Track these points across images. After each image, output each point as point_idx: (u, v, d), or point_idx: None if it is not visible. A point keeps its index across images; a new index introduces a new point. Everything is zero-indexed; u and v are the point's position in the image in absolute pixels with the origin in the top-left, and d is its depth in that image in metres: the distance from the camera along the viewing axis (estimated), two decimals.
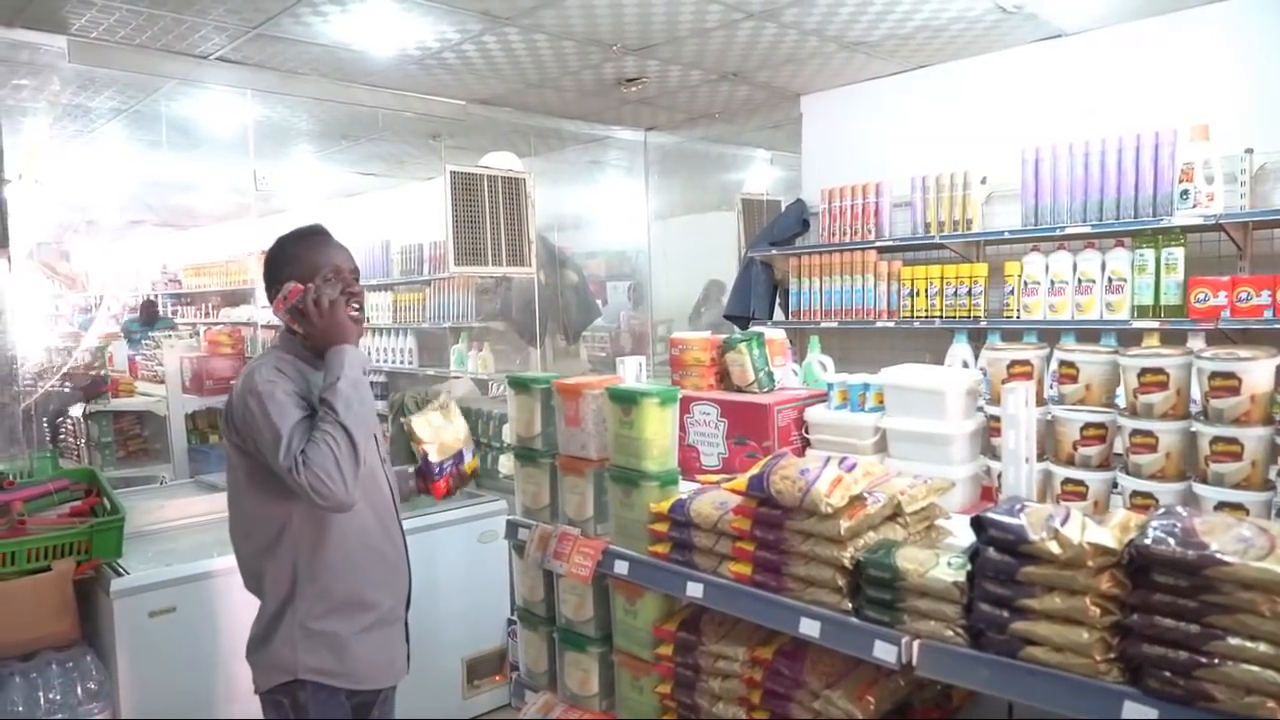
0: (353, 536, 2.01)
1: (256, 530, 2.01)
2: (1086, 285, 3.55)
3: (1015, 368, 2.20)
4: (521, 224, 5.09)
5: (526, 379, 2.27)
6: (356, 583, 2.02)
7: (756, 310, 4.75)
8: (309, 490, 1.78)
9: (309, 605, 1.96)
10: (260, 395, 1.88)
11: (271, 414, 1.86)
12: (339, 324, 1.98)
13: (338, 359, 1.94)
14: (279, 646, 1.96)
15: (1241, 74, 3.46)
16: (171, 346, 5.88)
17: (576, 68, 4.27)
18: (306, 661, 1.95)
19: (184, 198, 7.24)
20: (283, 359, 2.02)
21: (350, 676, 2.00)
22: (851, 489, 1.66)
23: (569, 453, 2.16)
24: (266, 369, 1.95)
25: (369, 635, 2.03)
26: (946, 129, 4.26)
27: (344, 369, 1.91)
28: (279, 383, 1.92)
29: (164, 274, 10.09)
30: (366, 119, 4.86)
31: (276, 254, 2.09)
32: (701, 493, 1.96)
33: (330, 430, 1.83)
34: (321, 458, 1.79)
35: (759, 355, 2.67)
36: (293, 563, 1.97)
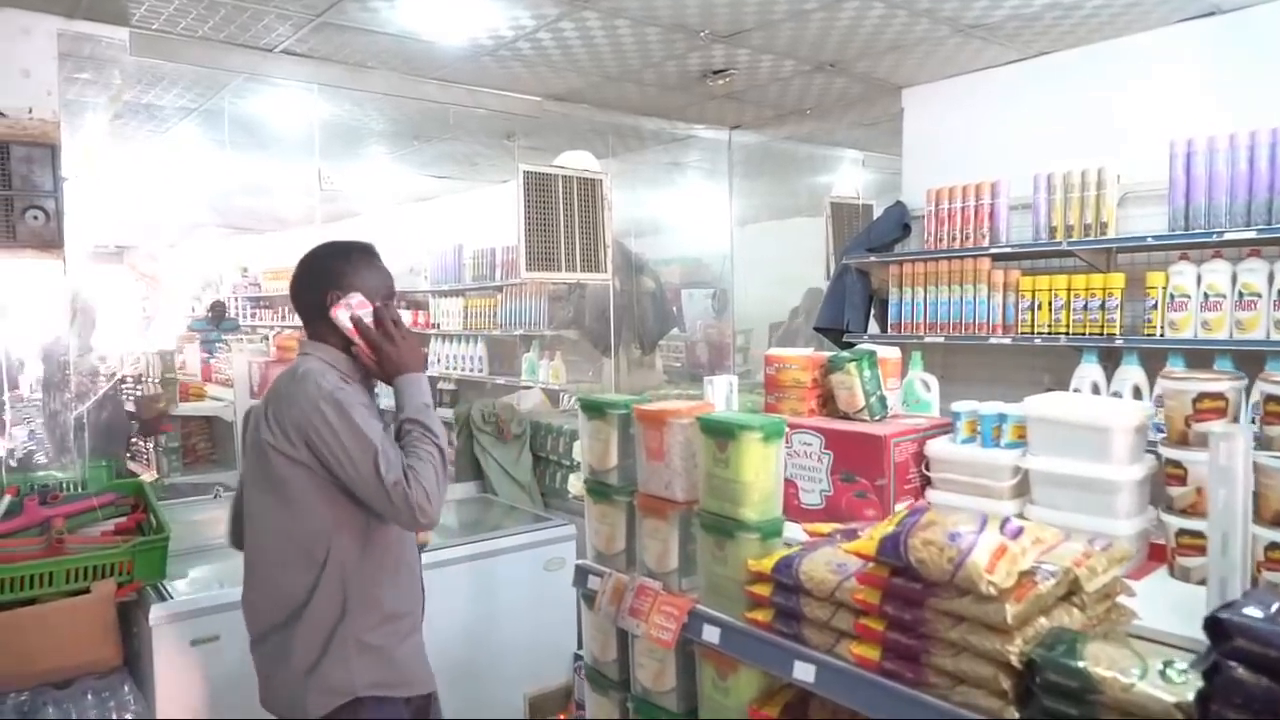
0: (394, 547, 2.00)
1: (300, 550, 1.91)
2: (1250, 300, 3.06)
3: (1205, 402, 1.78)
4: (597, 227, 4.80)
5: (602, 402, 1.95)
6: (397, 592, 2.01)
7: (851, 323, 4.34)
8: (413, 508, 1.77)
9: (362, 620, 1.91)
10: (339, 405, 1.82)
11: (361, 428, 1.81)
12: (415, 350, 2.00)
13: (419, 385, 1.97)
14: (331, 668, 1.89)
15: None
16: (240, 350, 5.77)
17: (659, 58, 3.94)
18: (363, 678, 1.91)
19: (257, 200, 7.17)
20: (333, 372, 1.95)
21: (406, 684, 1.99)
22: (1019, 562, 1.28)
23: (650, 491, 1.83)
24: (330, 376, 1.90)
25: (411, 641, 2.03)
26: (1074, 122, 3.78)
27: (423, 395, 1.95)
28: (352, 394, 1.89)
29: (245, 277, 10.17)
30: (438, 117, 4.62)
31: (335, 259, 2.05)
32: (812, 549, 1.60)
33: (431, 450, 1.86)
34: (429, 476, 1.81)
35: (870, 377, 2.29)
36: (341, 579, 1.91)
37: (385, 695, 1.93)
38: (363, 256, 2.09)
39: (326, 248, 2.10)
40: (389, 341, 1.96)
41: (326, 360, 1.98)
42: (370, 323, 1.97)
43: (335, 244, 2.12)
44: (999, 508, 2.05)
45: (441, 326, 7.00)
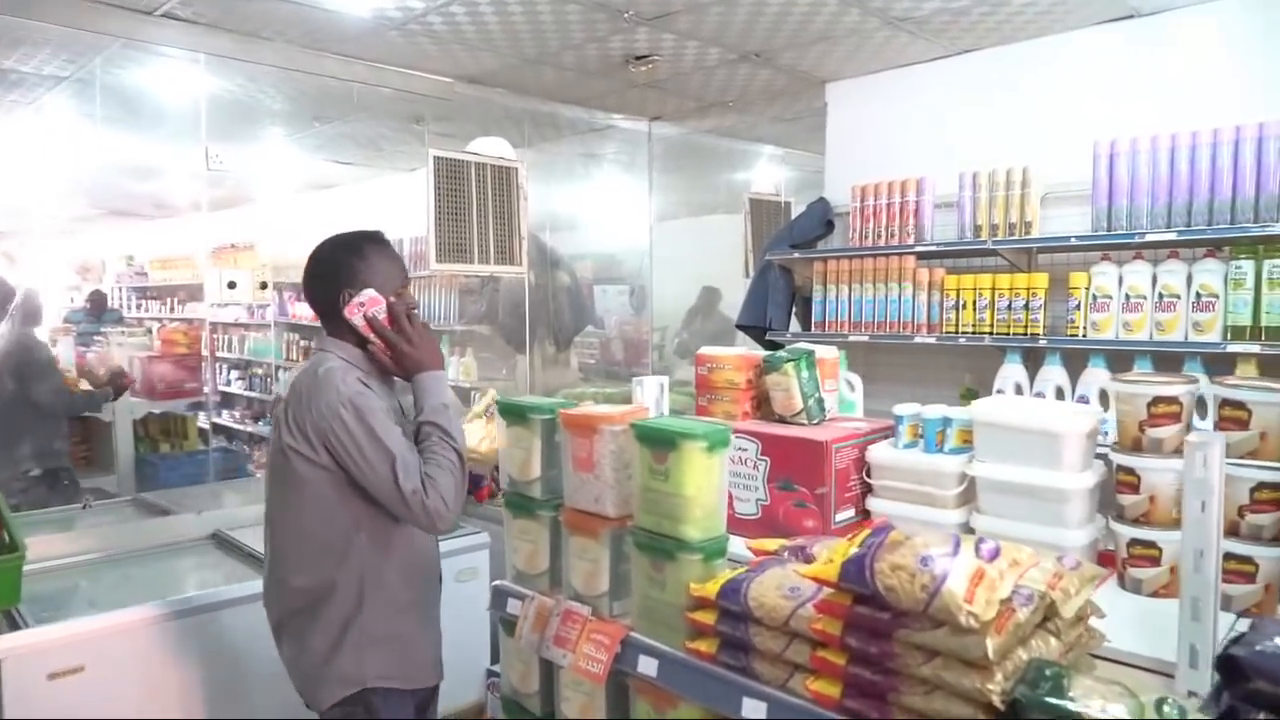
0: (410, 540, 2.00)
1: (321, 548, 1.92)
2: (1169, 301, 3.07)
3: (1160, 406, 1.70)
4: (512, 218, 4.56)
5: (523, 406, 1.75)
6: (416, 584, 2.03)
7: (774, 321, 4.24)
8: (431, 515, 1.80)
9: (377, 612, 1.94)
10: (359, 410, 1.82)
11: (378, 432, 1.82)
12: (433, 347, 1.98)
13: (438, 383, 1.95)
14: (343, 659, 1.93)
15: None
16: (121, 344, 5.31)
17: (580, 40, 3.75)
18: (373, 669, 1.93)
19: (139, 183, 6.64)
20: (352, 371, 1.92)
21: (413, 677, 2.01)
22: (998, 588, 1.15)
23: (578, 506, 1.64)
24: (350, 378, 1.87)
25: (425, 633, 2.06)
26: (999, 121, 3.77)
27: (443, 394, 1.94)
28: (371, 397, 1.87)
29: (130, 266, 9.51)
30: (340, 96, 4.31)
31: (346, 254, 1.99)
32: (760, 571, 1.44)
33: (449, 455, 1.86)
34: (447, 482, 1.82)
35: (808, 378, 2.16)
36: (360, 575, 1.93)
37: (393, 687, 1.96)
38: (373, 247, 2.02)
39: (336, 240, 2.03)
40: (405, 340, 1.94)
41: (346, 359, 1.95)
42: (384, 319, 1.94)
43: (345, 236, 2.04)
44: (944, 517, 1.95)
45: None
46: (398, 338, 1.94)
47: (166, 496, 3.84)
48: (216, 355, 8.06)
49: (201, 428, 5.66)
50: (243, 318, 7.94)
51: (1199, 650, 1.34)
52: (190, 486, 4.31)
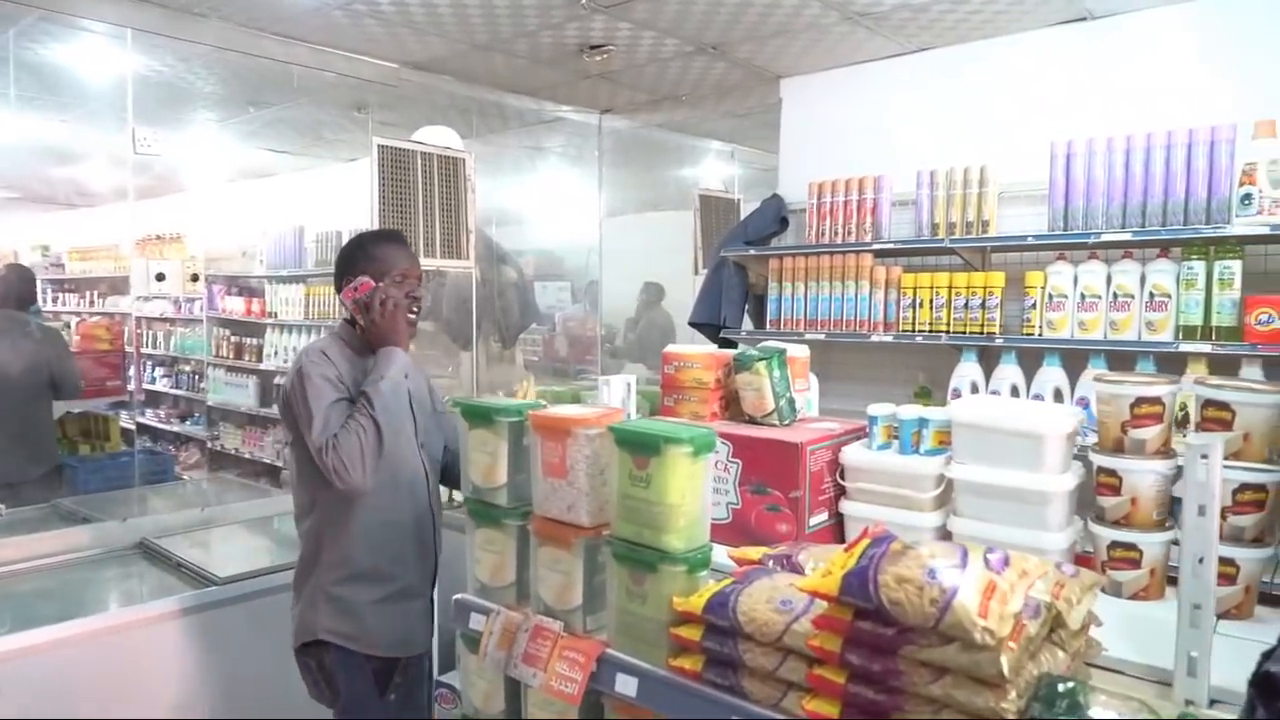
0: (375, 512, 2.15)
1: (297, 498, 2.23)
2: (1124, 301, 3.09)
3: (1143, 407, 1.67)
4: (460, 211, 4.42)
5: (488, 408, 1.64)
6: (375, 556, 2.16)
7: (728, 318, 4.19)
8: (332, 471, 1.98)
9: (328, 571, 2.15)
10: (303, 376, 2.10)
11: (309, 396, 2.07)
12: (396, 327, 2.19)
13: (387, 359, 2.14)
14: (304, 608, 2.18)
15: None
16: None
17: (535, 27, 3.63)
18: (325, 623, 2.13)
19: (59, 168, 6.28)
20: (333, 343, 2.22)
21: (365, 641, 2.14)
22: (1009, 601, 1.09)
23: (549, 514, 1.54)
24: (314, 353, 2.17)
25: (385, 606, 2.17)
26: (956, 119, 3.77)
27: (390, 369, 2.12)
28: (321, 366, 2.13)
29: (46, 257, 9.01)
30: (278, 79, 4.11)
31: (355, 248, 2.29)
32: (747, 582, 1.36)
33: (363, 421, 2.03)
34: (350, 444, 2.00)
35: (780, 378, 2.10)
36: (319, 533, 2.17)
37: (343, 646, 2.12)
38: (378, 242, 2.30)
39: (351, 241, 2.34)
40: (369, 316, 2.18)
41: (338, 335, 2.27)
42: (364, 303, 2.19)
43: (360, 234, 2.37)
44: (920, 520, 1.90)
45: (279, 316, 6.37)
46: (366, 317, 2.19)
47: (87, 503, 3.60)
48: (141, 352, 7.69)
49: (125, 428, 5.36)
50: (169, 312, 7.59)
51: (1197, 658, 1.30)
52: (113, 491, 4.06)
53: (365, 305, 2.19)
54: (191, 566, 2.94)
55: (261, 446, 6.60)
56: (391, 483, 2.17)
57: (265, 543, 3.56)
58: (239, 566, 2.96)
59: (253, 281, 6.87)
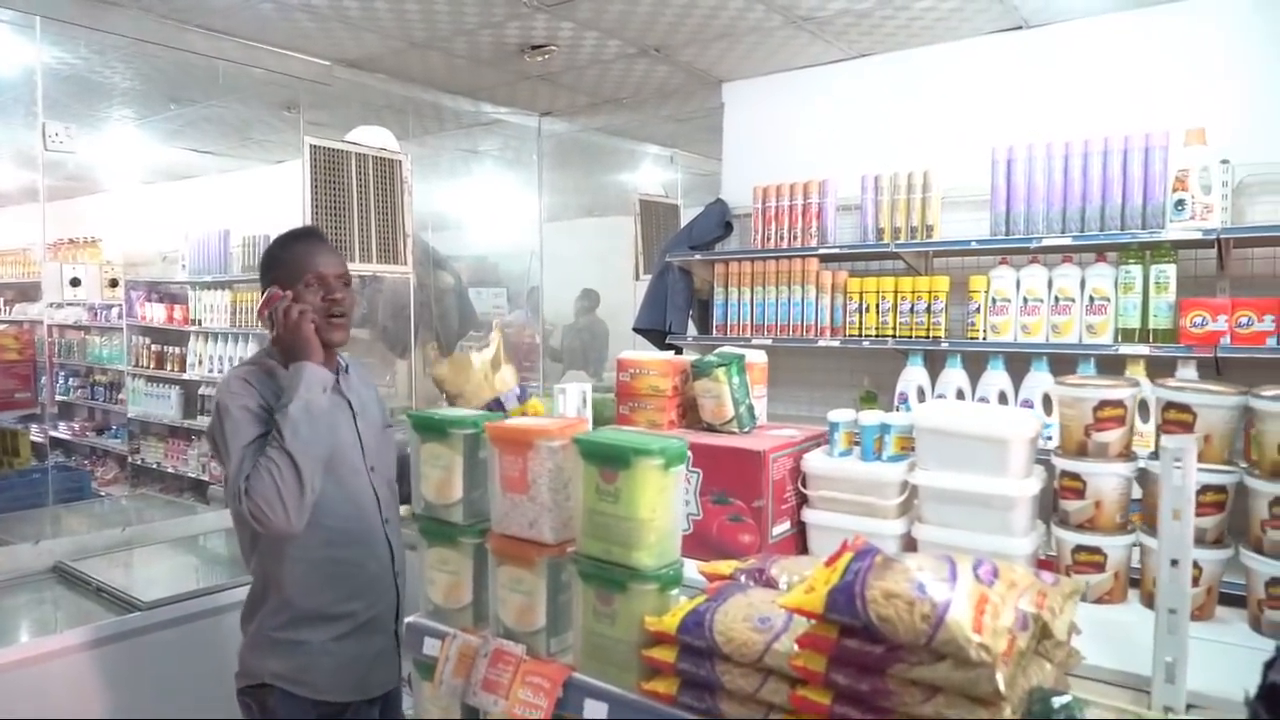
0: (316, 550, 1.97)
1: (240, 535, 2.03)
2: (1064, 304, 3.14)
3: (1106, 410, 1.67)
4: (396, 214, 4.28)
5: (442, 420, 1.55)
6: (321, 595, 1.99)
7: (673, 323, 4.14)
8: (250, 518, 1.78)
9: (272, 615, 1.99)
10: (220, 411, 1.91)
11: (228, 433, 1.87)
12: (301, 338, 1.93)
13: (295, 377, 1.89)
14: (248, 650, 2.03)
15: (1220, 79, 3.14)
16: None
17: (475, 24, 3.53)
18: (270, 667, 1.98)
19: None
20: (258, 368, 2.00)
21: (312, 686, 1.98)
22: (1001, 615, 1.05)
23: (509, 532, 1.46)
24: (235, 381, 1.96)
25: (340, 645, 2.00)
26: (899, 125, 3.79)
27: (299, 389, 1.87)
28: (241, 396, 1.91)
29: None
30: (203, 75, 3.92)
31: (264, 257, 2.08)
32: (720, 599, 1.30)
33: (275, 458, 1.80)
34: (263, 487, 1.77)
35: (739, 384, 2.05)
36: (263, 572, 2.01)
37: (289, 690, 1.97)
38: (286, 247, 2.07)
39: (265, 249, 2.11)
40: (273, 332, 1.96)
41: (265, 354, 2.04)
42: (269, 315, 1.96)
43: (272, 240, 2.12)
44: (885, 528, 1.87)
45: (204, 323, 6.11)
46: (271, 330, 1.97)
47: None
48: (54, 361, 7.29)
49: (36, 442, 5.06)
50: (84, 319, 7.21)
51: (1175, 665, 1.29)
52: (24, 511, 3.82)
53: (268, 318, 1.96)
54: (112, 591, 2.76)
55: (185, 460, 6.31)
56: (334, 514, 1.96)
57: (192, 563, 3.38)
58: (164, 590, 2.79)
59: (175, 287, 6.58)
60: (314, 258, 2.03)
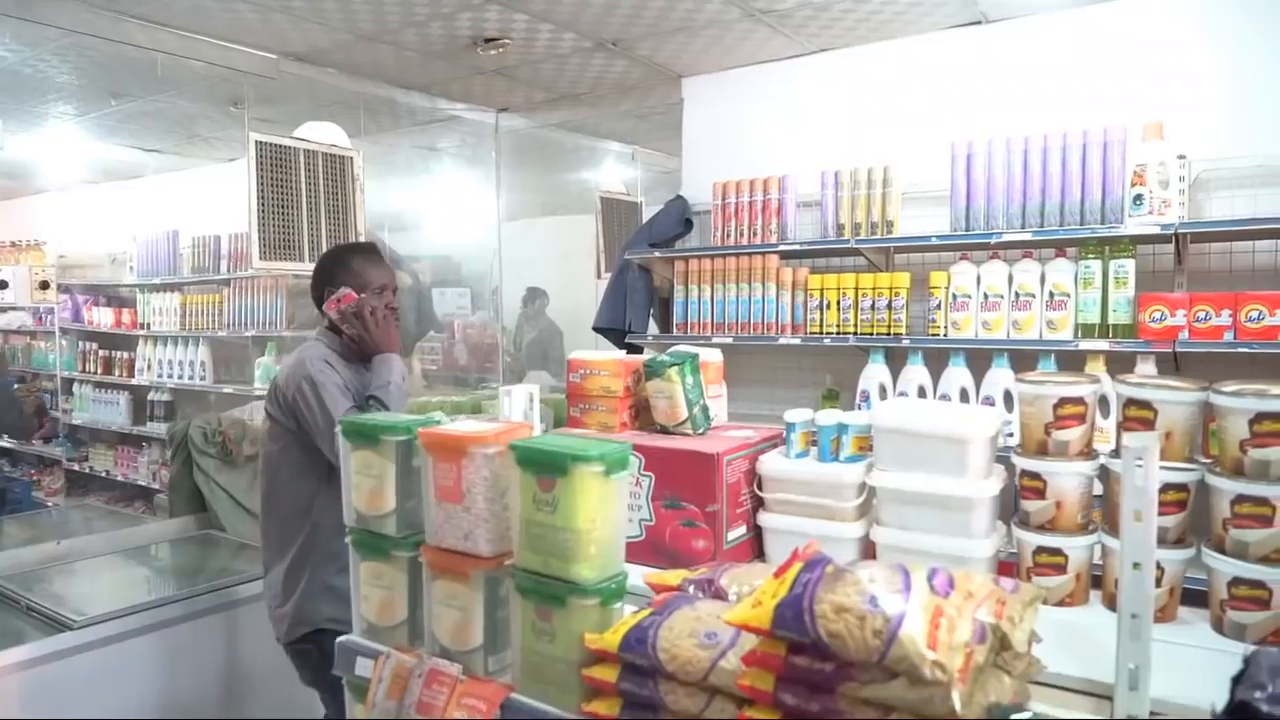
0: None
1: (287, 498, 2.35)
2: (1025, 300, 3.12)
3: (1066, 407, 1.62)
4: (347, 212, 4.17)
5: (373, 425, 1.46)
6: None
7: (633, 322, 4.07)
8: None
9: (328, 562, 2.30)
10: (316, 384, 2.26)
11: (327, 403, 2.23)
12: (390, 335, 2.40)
13: (388, 365, 2.35)
14: (301, 601, 2.32)
15: (1177, 74, 3.13)
16: None
17: (425, 16, 3.42)
18: (325, 613, 2.30)
19: None
20: (326, 353, 2.38)
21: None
22: (957, 628, 0.99)
23: (444, 544, 1.37)
24: (318, 361, 2.32)
25: None
26: (859, 120, 3.75)
27: (393, 374, 2.34)
28: (330, 373, 2.30)
29: None
30: (142, 68, 3.77)
31: (333, 261, 2.48)
32: (665, 612, 1.23)
33: None
34: None
35: (693, 385, 1.98)
36: (315, 529, 2.32)
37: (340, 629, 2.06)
38: (355, 255, 2.48)
39: (329, 251, 2.58)
40: (364, 328, 2.36)
41: (325, 344, 2.42)
42: (352, 313, 2.36)
43: (336, 247, 2.63)
44: (843, 531, 1.81)
45: (152, 327, 5.92)
46: (359, 327, 2.36)
47: None
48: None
49: None
50: (28, 324, 6.97)
51: (1139, 671, 1.24)
52: None
53: (355, 315, 2.35)
54: (43, 609, 2.62)
55: (136, 468, 6.11)
56: None
57: (138, 575, 3.24)
58: (103, 606, 2.66)
59: (123, 291, 6.38)
60: (381, 269, 2.47)
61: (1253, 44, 3.02)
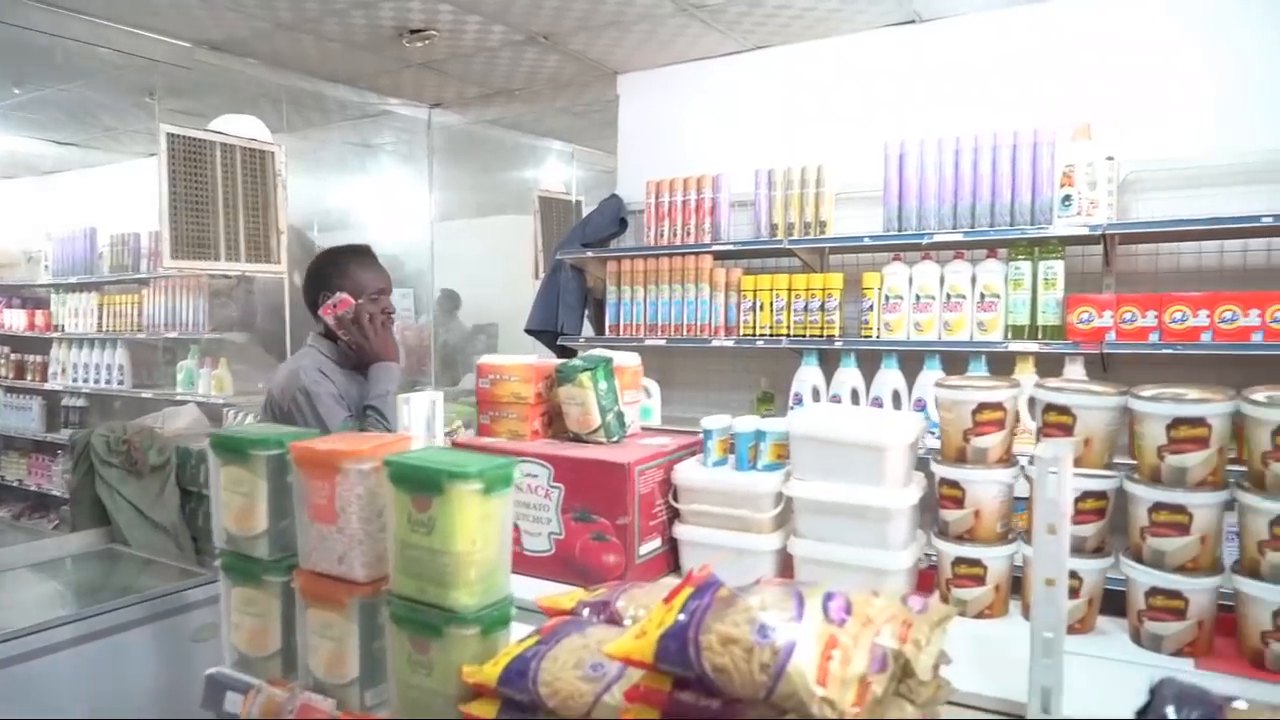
0: None
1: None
2: (956, 301, 3.09)
3: (985, 413, 1.57)
4: (268, 210, 4.00)
5: (242, 439, 1.34)
6: None
7: (566, 324, 3.97)
8: None
9: None
10: (310, 394, 2.22)
11: (321, 413, 2.20)
12: (388, 343, 2.34)
13: (387, 373, 2.30)
14: None
15: (1105, 75, 3.13)
16: None
17: (345, 4, 3.29)
18: None
19: None
20: (325, 361, 2.34)
21: None
22: (852, 659, 0.91)
23: (318, 568, 1.26)
24: (313, 370, 2.27)
25: None
26: (793, 119, 3.71)
27: (392, 383, 2.27)
28: (325, 384, 2.26)
29: None
30: (43, 55, 3.56)
31: (327, 264, 2.40)
32: (553, 640, 1.13)
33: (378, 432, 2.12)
34: None
35: (606, 390, 1.89)
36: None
37: None
38: (351, 258, 2.40)
39: (322, 252, 2.46)
40: (362, 336, 2.31)
41: (320, 351, 2.37)
42: (350, 319, 2.31)
43: (330, 249, 2.45)
44: (760, 543, 1.74)
45: (68, 329, 5.66)
46: (357, 333, 2.31)
47: None
48: None
49: None
50: None
51: (1051, 692, 1.18)
52: None
53: (353, 322, 2.31)
54: None
55: (49, 477, 5.84)
56: None
57: (28, 596, 3.03)
58: None
59: (39, 291, 6.09)
60: (377, 273, 2.40)
61: (1180, 47, 3.03)
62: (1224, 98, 2.96)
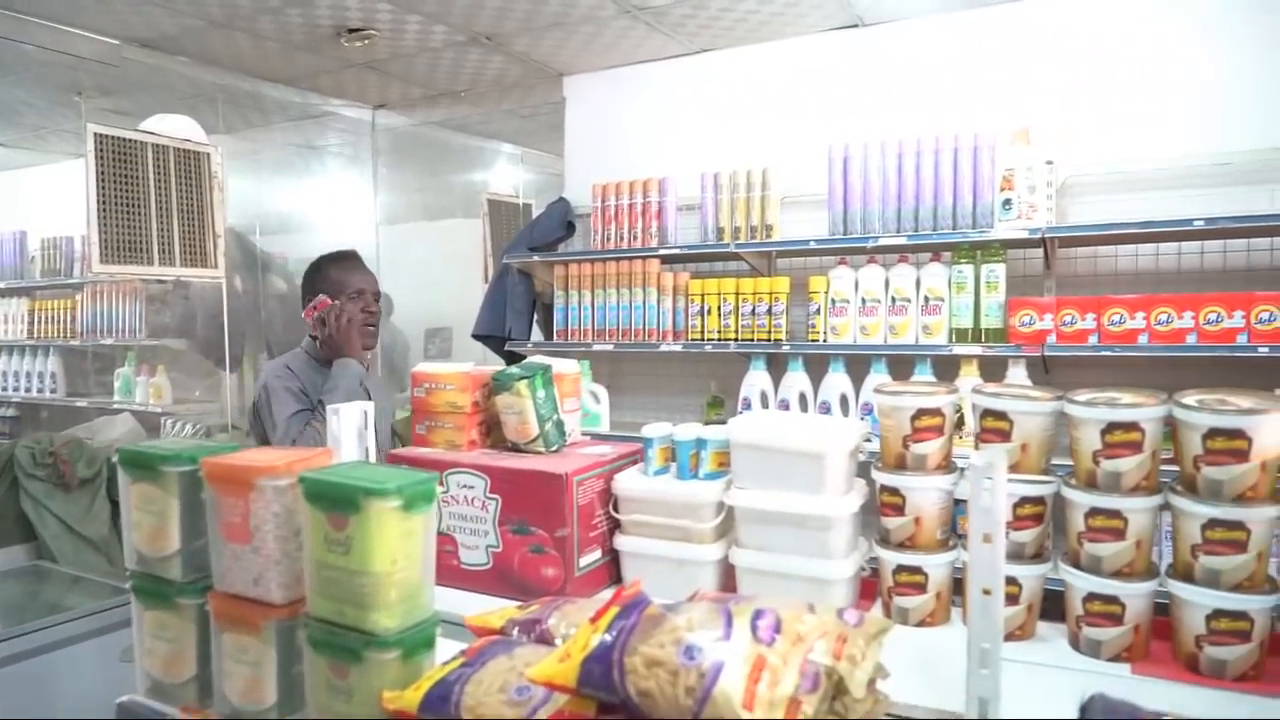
0: None
1: None
2: (901, 305, 3.10)
3: (924, 419, 1.56)
4: (204, 212, 3.88)
5: (152, 454, 1.27)
6: None
7: (513, 329, 3.91)
8: None
9: None
10: (267, 389, 2.38)
11: (274, 405, 2.35)
12: (349, 340, 2.42)
13: (342, 370, 2.38)
14: None
15: (1045, 80, 3.17)
16: None
17: (280, 2, 3.19)
18: None
19: None
20: (297, 357, 2.48)
21: None
22: (781, 680, 0.88)
23: (233, 590, 1.20)
24: (278, 367, 2.44)
25: None
26: (739, 122, 3.70)
27: (344, 379, 2.35)
28: (285, 379, 2.39)
29: None
30: None
31: (313, 270, 2.54)
32: (478, 663, 1.09)
33: (319, 426, 2.25)
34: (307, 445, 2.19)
35: (545, 398, 1.85)
36: None
37: None
38: (331, 262, 2.53)
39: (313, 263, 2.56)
40: (325, 330, 2.41)
41: (304, 350, 2.50)
42: (319, 318, 2.42)
43: (321, 256, 2.57)
44: (701, 553, 1.71)
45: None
46: (322, 329, 2.41)
47: None
48: None
49: None
50: None
51: (989, 704, 1.17)
52: None
53: (321, 321, 2.41)
54: None
55: None
56: None
57: None
58: None
59: None
60: (357, 275, 2.51)
61: (1118, 54, 3.08)
62: (1162, 103, 3.01)
